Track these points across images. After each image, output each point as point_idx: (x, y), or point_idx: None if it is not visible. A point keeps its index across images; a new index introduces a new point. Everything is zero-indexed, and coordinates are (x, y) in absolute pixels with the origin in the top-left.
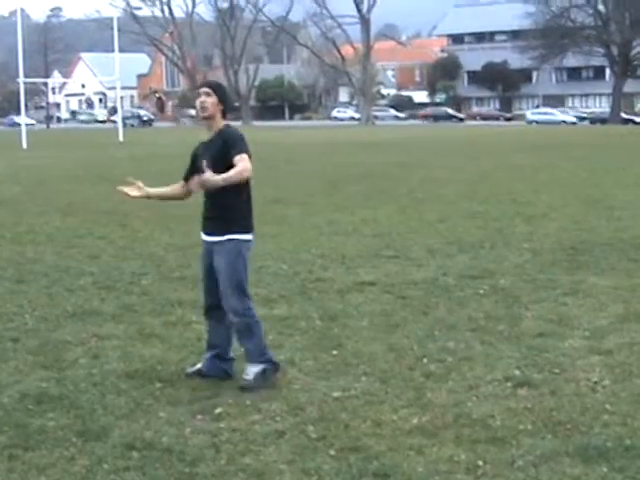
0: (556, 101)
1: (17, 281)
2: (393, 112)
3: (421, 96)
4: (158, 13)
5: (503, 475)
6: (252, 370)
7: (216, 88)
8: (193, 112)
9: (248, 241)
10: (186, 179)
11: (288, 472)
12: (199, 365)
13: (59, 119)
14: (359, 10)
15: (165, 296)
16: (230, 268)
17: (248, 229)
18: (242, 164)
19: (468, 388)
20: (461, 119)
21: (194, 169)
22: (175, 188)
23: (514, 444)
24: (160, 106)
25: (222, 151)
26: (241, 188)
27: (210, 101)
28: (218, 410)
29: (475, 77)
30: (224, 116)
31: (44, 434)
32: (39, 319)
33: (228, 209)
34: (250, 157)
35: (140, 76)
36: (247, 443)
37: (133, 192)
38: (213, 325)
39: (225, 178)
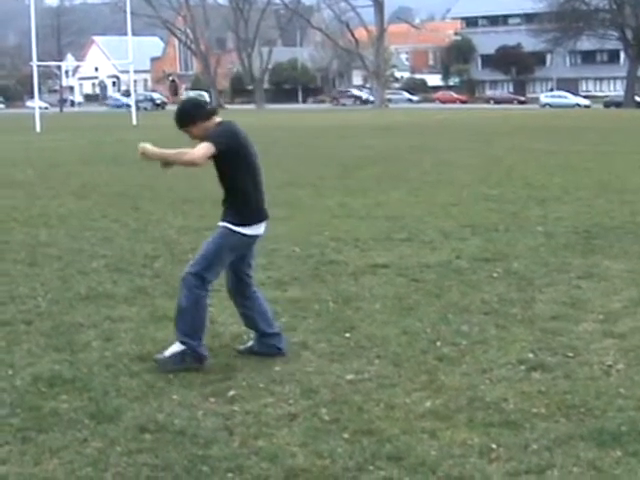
0: (570, 84)
1: (30, 264)
2: (406, 95)
3: (435, 79)
4: None
5: (517, 459)
6: (173, 349)
7: (183, 122)
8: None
9: (241, 234)
10: None
11: (301, 455)
12: (251, 343)
13: (73, 102)
14: None
15: (178, 278)
16: (215, 243)
17: (244, 222)
18: (193, 150)
19: (481, 371)
20: (522, 101)
21: None
22: None
23: (528, 428)
24: (173, 89)
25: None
26: (243, 183)
27: (192, 133)
28: (231, 393)
29: (489, 60)
30: (208, 118)
31: (57, 416)
32: (52, 302)
33: (229, 200)
34: (217, 145)
35: (153, 59)
36: (260, 426)
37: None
38: (240, 311)
39: (162, 153)
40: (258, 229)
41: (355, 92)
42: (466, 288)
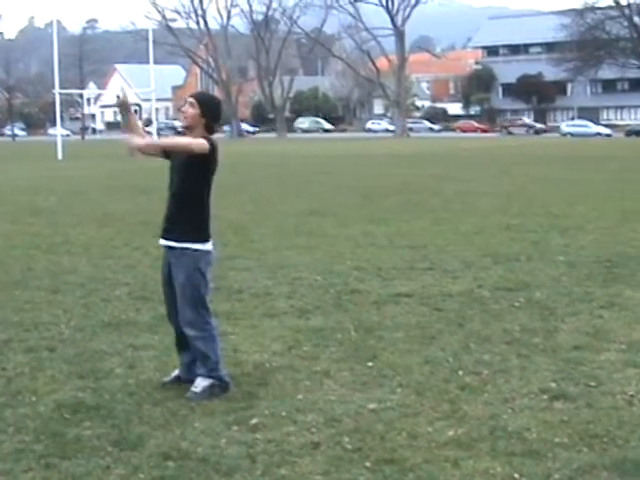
0: (591, 113)
1: (53, 291)
2: (427, 124)
3: (455, 108)
4: (193, 25)
5: None
6: (201, 384)
7: (202, 101)
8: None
9: (206, 252)
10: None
11: None
12: (176, 372)
13: (94, 130)
14: (393, 22)
15: None
16: (188, 283)
17: (205, 238)
18: (190, 139)
19: (504, 401)
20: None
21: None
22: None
23: (550, 457)
24: None
25: (190, 160)
26: (202, 192)
27: (191, 112)
28: (254, 421)
29: (510, 89)
30: (209, 131)
31: (80, 443)
32: (75, 329)
33: (185, 212)
34: (210, 146)
35: (175, 88)
36: (283, 454)
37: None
38: (180, 331)
39: (160, 141)
40: (211, 246)
41: (526, 120)
42: (488, 317)
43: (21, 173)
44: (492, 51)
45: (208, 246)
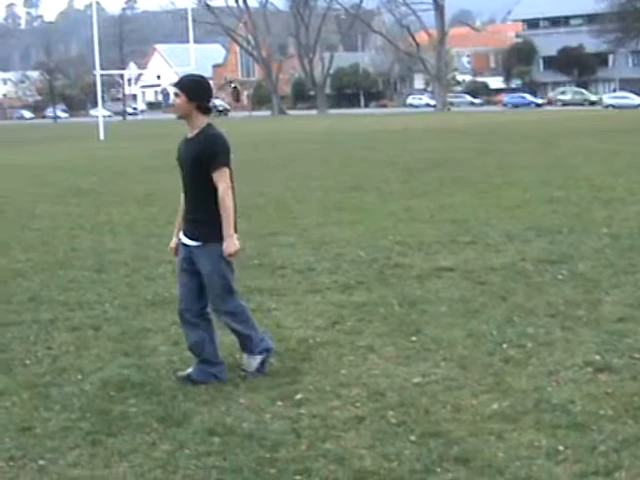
0: (633, 85)
1: (97, 270)
2: (469, 98)
3: (496, 82)
4: (232, 3)
5: (584, 460)
6: (252, 363)
7: (184, 86)
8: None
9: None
10: (184, 189)
11: (368, 457)
12: (189, 370)
13: (135, 110)
14: None
15: (244, 283)
16: (217, 272)
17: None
18: (222, 188)
19: (548, 373)
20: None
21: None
22: (182, 212)
23: (595, 429)
24: (236, 96)
25: (201, 157)
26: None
27: (179, 101)
28: (298, 396)
29: (551, 62)
30: (205, 112)
31: (126, 420)
32: (119, 307)
33: (210, 214)
34: (228, 164)
35: (215, 66)
36: (327, 429)
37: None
38: (189, 330)
39: (228, 230)
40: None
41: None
42: (531, 290)
43: (63, 154)
44: (532, 24)
45: None
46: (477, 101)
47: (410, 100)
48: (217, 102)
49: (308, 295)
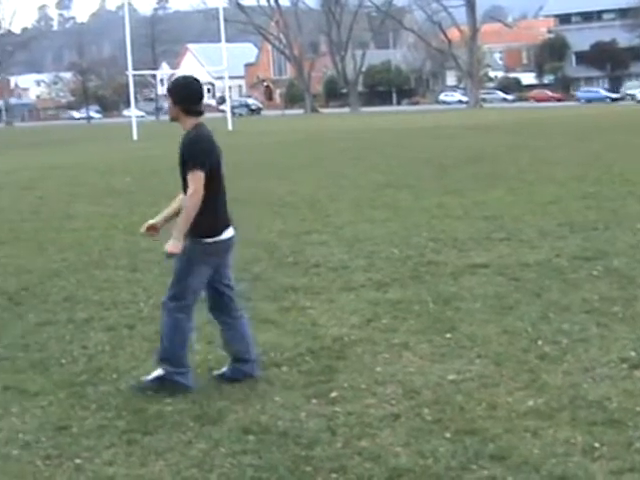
0: None
1: (132, 270)
2: (501, 94)
3: (529, 78)
4: (263, 2)
5: (620, 457)
6: (154, 373)
7: (170, 90)
8: None
9: (206, 244)
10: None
11: (404, 455)
12: (224, 369)
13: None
14: None
15: (278, 282)
16: (179, 265)
17: (207, 234)
18: (189, 190)
19: (583, 370)
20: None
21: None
22: (177, 203)
23: (631, 426)
24: (268, 94)
25: (182, 158)
26: (207, 194)
27: (170, 105)
28: (333, 394)
29: (583, 57)
30: (192, 114)
31: (161, 419)
32: (154, 306)
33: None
34: (202, 167)
35: (247, 65)
36: (363, 426)
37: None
38: (221, 329)
39: (179, 232)
40: (224, 235)
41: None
42: (566, 287)
43: (97, 155)
44: (564, 19)
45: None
46: (509, 97)
47: (442, 97)
48: (250, 101)
49: (342, 293)
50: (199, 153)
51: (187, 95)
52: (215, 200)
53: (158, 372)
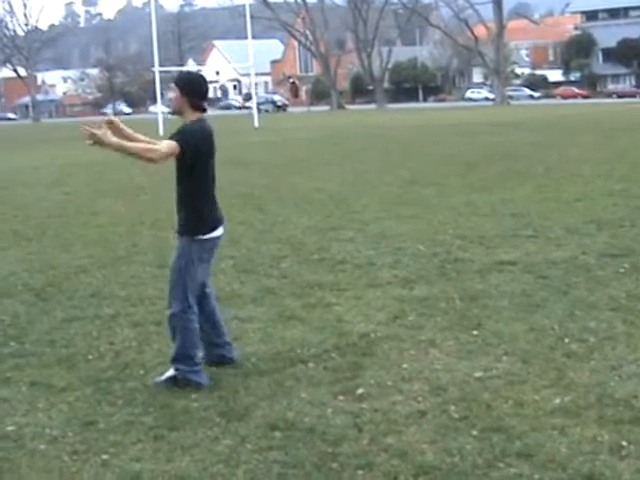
0: None
1: (158, 266)
2: (527, 92)
3: (555, 75)
4: None
5: None
6: (167, 373)
7: (179, 82)
8: None
9: (201, 240)
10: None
11: (430, 452)
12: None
13: None
14: None
15: (304, 278)
16: (177, 264)
17: (200, 231)
18: (156, 147)
19: (611, 368)
20: None
21: None
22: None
23: None
24: (294, 91)
25: (176, 160)
26: (195, 190)
27: (173, 97)
28: (360, 391)
29: (610, 54)
30: (197, 108)
31: (188, 415)
32: None
33: (187, 210)
34: (183, 144)
35: (273, 62)
36: (389, 423)
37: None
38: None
39: (120, 145)
40: (215, 233)
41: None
42: (593, 284)
43: None
44: (591, 16)
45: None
46: (536, 94)
47: (469, 94)
48: (276, 97)
49: (369, 290)
50: (188, 136)
51: (196, 89)
52: (206, 195)
53: (171, 372)
